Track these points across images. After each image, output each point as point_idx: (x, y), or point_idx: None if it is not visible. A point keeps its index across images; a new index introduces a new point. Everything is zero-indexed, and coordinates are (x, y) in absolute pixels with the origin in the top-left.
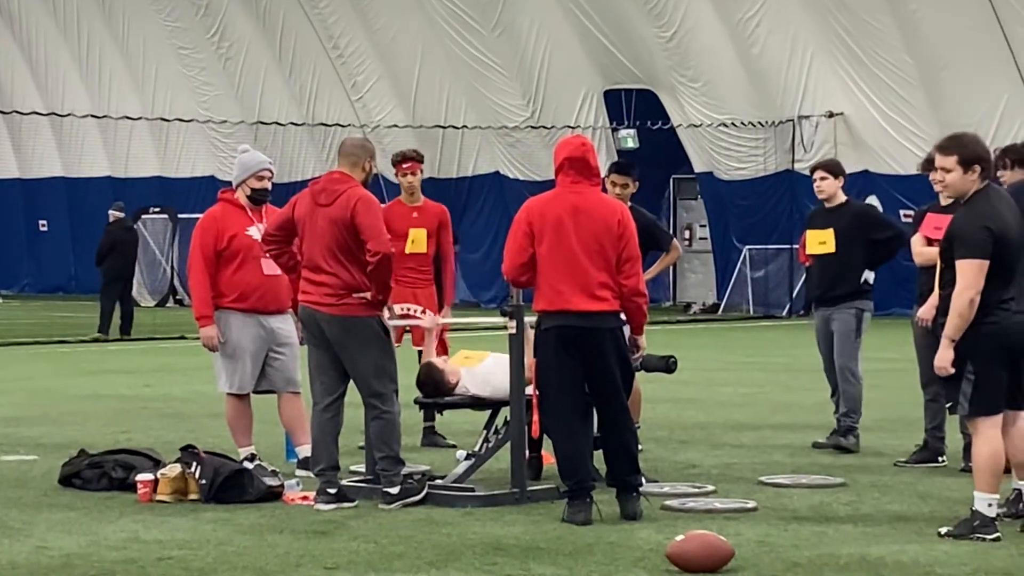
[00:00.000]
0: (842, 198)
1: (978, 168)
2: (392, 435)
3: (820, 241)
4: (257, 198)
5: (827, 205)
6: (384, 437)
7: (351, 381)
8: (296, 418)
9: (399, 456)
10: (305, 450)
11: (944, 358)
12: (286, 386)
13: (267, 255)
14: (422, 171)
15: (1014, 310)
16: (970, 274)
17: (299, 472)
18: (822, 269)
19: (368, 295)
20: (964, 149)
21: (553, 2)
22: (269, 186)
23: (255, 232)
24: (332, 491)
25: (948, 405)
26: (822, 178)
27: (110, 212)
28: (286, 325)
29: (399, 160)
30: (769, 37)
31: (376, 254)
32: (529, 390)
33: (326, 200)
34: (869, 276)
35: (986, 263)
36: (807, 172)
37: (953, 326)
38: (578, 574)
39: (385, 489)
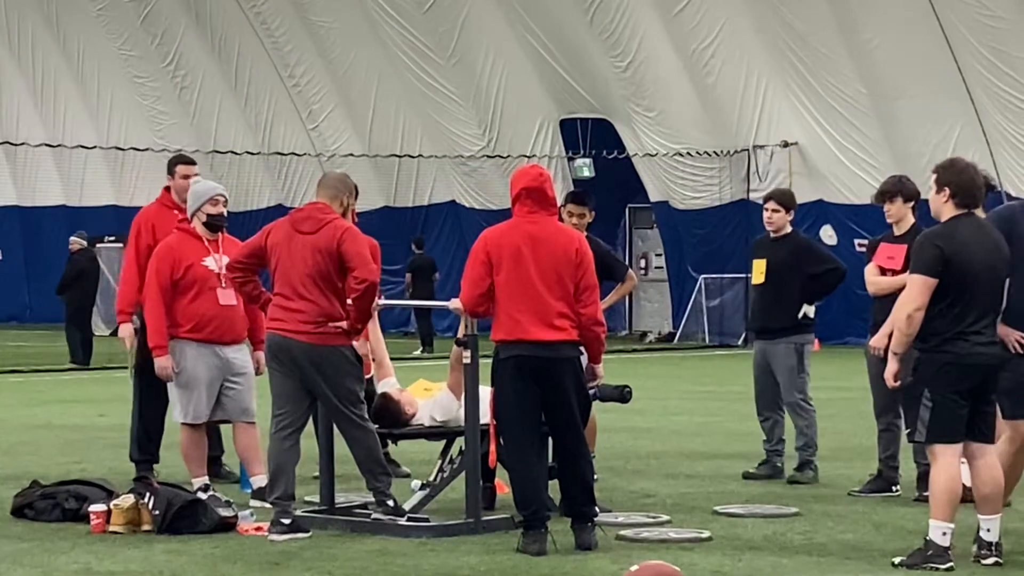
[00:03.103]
0: (788, 229)
1: (947, 191)
2: (379, 449)
3: (761, 271)
4: (213, 224)
5: (772, 235)
6: (374, 454)
7: (312, 412)
8: (251, 448)
9: (387, 468)
10: (259, 480)
11: (889, 371)
12: (241, 416)
13: (229, 283)
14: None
15: (975, 342)
16: (912, 289)
17: (253, 502)
18: (760, 300)
19: (344, 324)
20: (941, 171)
21: (509, 31)
22: (224, 211)
23: (211, 263)
24: (286, 521)
25: (907, 432)
26: (774, 210)
27: (73, 240)
28: (241, 355)
29: None
30: (724, 67)
31: (363, 281)
32: (486, 419)
33: (310, 228)
34: (809, 310)
35: (930, 280)
36: (762, 201)
37: (894, 340)
38: None
39: (387, 501)
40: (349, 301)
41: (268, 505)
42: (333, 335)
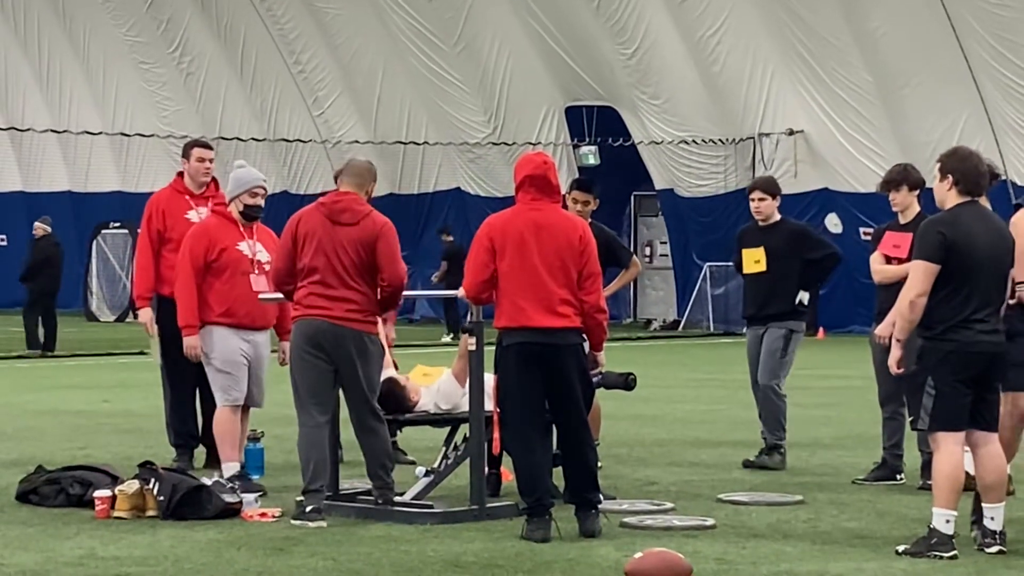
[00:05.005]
0: (776, 217)
1: (950, 179)
2: (389, 445)
3: (755, 260)
4: (250, 215)
5: (761, 223)
6: (386, 449)
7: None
8: (240, 434)
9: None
10: (232, 467)
11: (892, 357)
12: (254, 402)
13: (261, 270)
14: None
15: (979, 330)
16: (915, 275)
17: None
18: (755, 288)
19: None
20: (945, 159)
21: (514, 19)
22: (262, 203)
23: (245, 248)
24: (320, 510)
25: (911, 420)
26: (760, 199)
27: (37, 226)
28: (266, 342)
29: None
30: (730, 55)
31: (390, 285)
32: (489, 406)
33: (350, 219)
34: (804, 297)
35: (933, 267)
36: (747, 191)
37: (897, 326)
38: None
39: (391, 495)
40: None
41: (308, 491)
42: (373, 324)
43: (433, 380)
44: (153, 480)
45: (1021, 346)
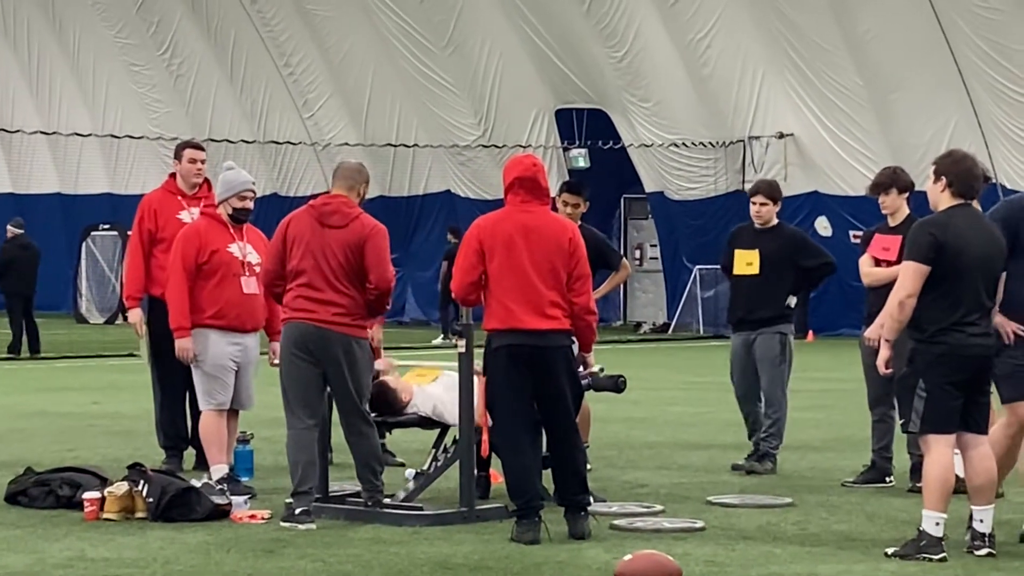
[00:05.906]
0: (775, 220)
1: (944, 181)
2: (378, 449)
3: (747, 262)
4: (239, 217)
5: (759, 226)
6: (375, 452)
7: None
8: (225, 436)
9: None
10: (221, 470)
11: (881, 357)
12: (244, 404)
13: (252, 272)
14: None
15: (970, 333)
16: (905, 275)
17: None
18: (747, 291)
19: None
20: (940, 161)
21: (505, 21)
22: (251, 206)
23: (236, 250)
24: (310, 511)
25: (901, 422)
26: (762, 203)
27: (8, 228)
28: (255, 344)
29: None
30: (720, 58)
31: (376, 288)
32: (479, 411)
33: (339, 222)
34: (791, 300)
35: (923, 268)
36: (749, 194)
37: (886, 326)
38: None
39: (380, 499)
40: None
41: (297, 493)
42: (361, 328)
43: (427, 380)
44: (142, 482)
45: (1006, 359)
